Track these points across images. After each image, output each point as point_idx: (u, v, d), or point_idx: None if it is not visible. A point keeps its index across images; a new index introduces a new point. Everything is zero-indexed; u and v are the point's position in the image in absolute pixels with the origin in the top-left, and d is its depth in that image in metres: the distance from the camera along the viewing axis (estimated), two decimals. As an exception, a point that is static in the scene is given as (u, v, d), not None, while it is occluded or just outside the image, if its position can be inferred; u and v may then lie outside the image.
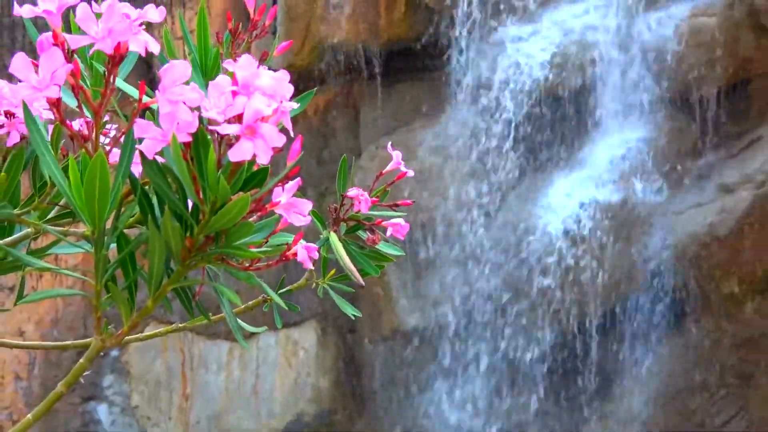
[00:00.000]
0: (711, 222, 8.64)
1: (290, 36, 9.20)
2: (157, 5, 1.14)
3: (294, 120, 1.10)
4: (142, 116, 1.10)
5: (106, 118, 1.16)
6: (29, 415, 1.22)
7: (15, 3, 1.21)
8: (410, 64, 9.68)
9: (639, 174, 8.95)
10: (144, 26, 1.10)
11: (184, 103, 1.03)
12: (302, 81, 9.13)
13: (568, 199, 8.91)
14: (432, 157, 9.21)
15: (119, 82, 1.15)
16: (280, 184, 1.09)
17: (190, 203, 1.08)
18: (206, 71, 1.32)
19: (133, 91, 1.17)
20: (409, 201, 1.58)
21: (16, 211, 1.28)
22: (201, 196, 1.04)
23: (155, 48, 1.11)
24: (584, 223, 8.79)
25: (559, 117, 9.21)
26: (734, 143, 9.01)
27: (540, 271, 8.80)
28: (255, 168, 1.05)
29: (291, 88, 1.05)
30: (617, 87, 9.21)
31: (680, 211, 8.80)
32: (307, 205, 1.11)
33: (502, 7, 9.50)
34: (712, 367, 8.72)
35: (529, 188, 9.11)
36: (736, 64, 9.12)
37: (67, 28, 1.15)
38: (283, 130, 1.04)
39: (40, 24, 1.19)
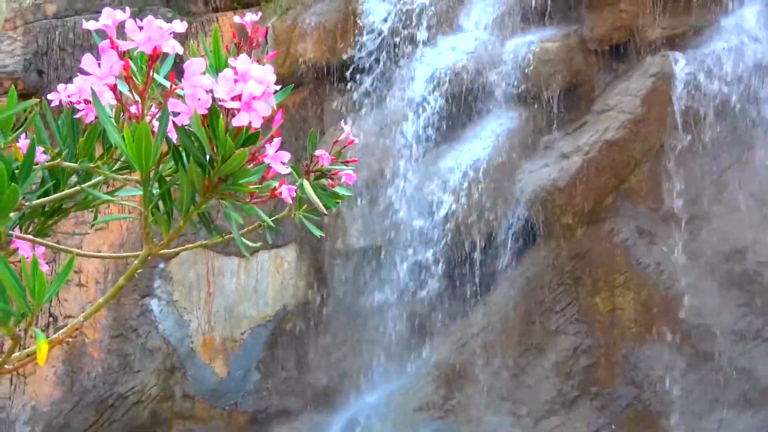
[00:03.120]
0: (554, 177, 8.69)
1: (276, 55, 9.15)
2: (186, 34, 1.12)
3: (279, 109, 1.10)
4: (174, 98, 1.09)
5: (154, 108, 1.15)
6: (100, 300, 1.21)
7: (84, 20, 1.18)
8: (358, 73, 9.65)
9: (509, 145, 8.99)
10: (173, 35, 1.09)
11: (202, 87, 1.02)
12: (284, 85, 9.09)
13: (465, 159, 8.94)
14: (373, 134, 9.21)
15: (157, 76, 1.13)
16: (268, 142, 1.08)
17: (207, 156, 1.07)
18: (219, 70, 1.31)
19: (166, 82, 1.15)
20: (355, 159, 1.58)
21: (92, 165, 1.27)
22: (214, 150, 1.04)
23: (180, 49, 1.10)
24: (474, 176, 8.83)
25: (457, 108, 9.22)
26: (569, 126, 9.06)
27: (444, 208, 8.83)
28: (251, 131, 1.05)
29: (275, 77, 1.05)
30: (494, 88, 9.23)
31: (534, 170, 8.85)
32: (287, 156, 1.11)
33: (413, 36, 9.50)
34: (555, 272, 8.80)
35: (437, 153, 9.14)
36: (570, 74, 9.17)
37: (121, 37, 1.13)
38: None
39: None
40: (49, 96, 1.28)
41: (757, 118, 8.85)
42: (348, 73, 9.72)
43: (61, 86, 1.27)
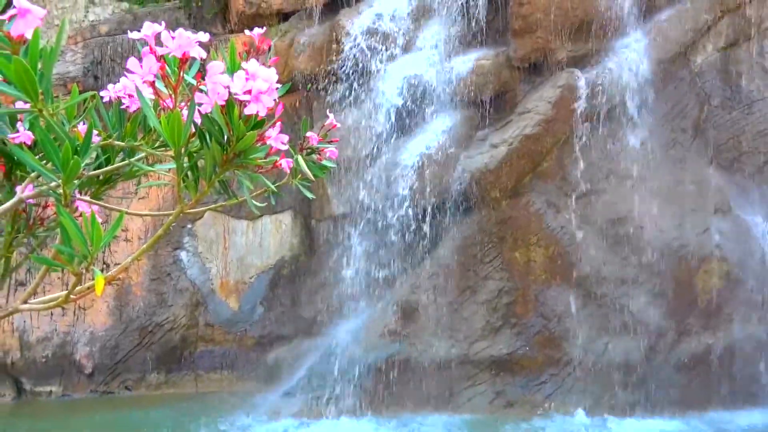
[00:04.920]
0: (486, 162, 8.71)
1: (276, 65, 9.07)
2: (207, 48, 1.11)
3: (280, 102, 1.09)
4: (199, 92, 1.07)
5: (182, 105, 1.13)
6: (144, 245, 1.19)
7: (129, 31, 1.16)
8: (339, 81, 9.58)
9: (452, 137, 8.99)
10: (198, 43, 1.07)
11: (221, 84, 1.01)
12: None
13: (420, 148, 8.93)
14: (351, 126, 9.17)
15: (186, 76, 1.11)
16: (271, 127, 1.06)
17: (225, 137, 1.06)
18: (234, 71, 1.29)
19: (193, 81, 1.13)
20: (336, 139, 1.56)
21: (136, 143, 1.25)
22: (231, 132, 1.03)
23: (204, 55, 1.08)
24: (426, 161, 8.82)
25: (413, 109, 9.20)
26: (498, 123, 9.07)
27: (401, 185, 8.83)
28: (258, 118, 1.03)
29: (277, 77, 1.03)
30: (441, 94, 9.21)
31: (471, 156, 8.86)
32: (286, 138, 1.10)
33: (381, 53, 9.43)
34: (486, 233, 8.84)
35: (398, 143, 9.11)
36: (499, 84, 9.16)
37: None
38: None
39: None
40: (102, 93, 1.26)
41: (636, 118, 8.93)
42: (332, 81, 9.66)
43: (110, 86, 1.26)
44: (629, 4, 9.07)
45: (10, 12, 0.98)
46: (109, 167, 1.27)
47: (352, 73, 9.49)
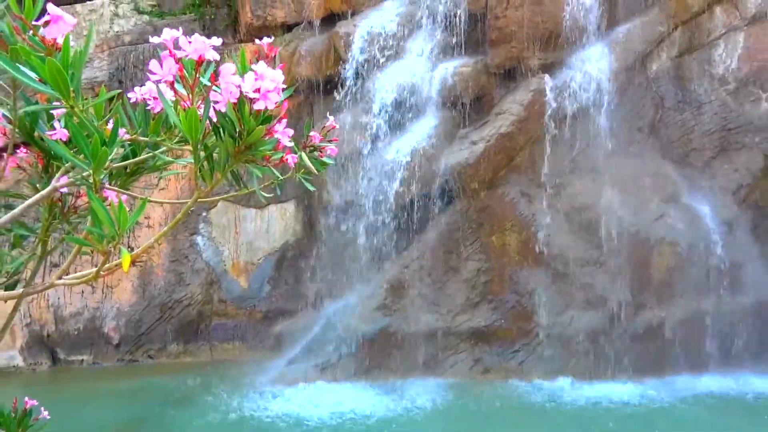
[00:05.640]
0: (466, 157, 8.70)
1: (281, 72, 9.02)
2: (221, 55, 1.11)
3: (285, 100, 1.08)
4: (214, 92, 1.06)
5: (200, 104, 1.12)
6: (165, 228, 1.19)
7: (150, 36, 1.15)
8: (337, 85, 9.53)
9: (436, 135, 8.97)
10: (213, 47, 1.06)
11: (233, 84, 1.00)
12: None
13: (408, 144, 8.90)
14: (348, 125, 9.13)
15: (202, 79, 1.11)
16: (278, 122, 1.06)
17: (237, 131, 1.05)
18: (244, 73, 1.27)
19: (207, 82, 1.12)
20: (336, 139, 1.55)
21: (158, 139, 1.24)
22: (242, 127, 1.02)
23: (217, 57, 1.07)
24: (413, 156, 8.80)
25: (403, 111, 9.17)
26: (477, 123, 9.06)
27: (392, 177, 8.82)
28: (266, 114, 1.03)
29: (283, 77, 1.03)
30: (428, 97, 9.18)
31: (453, 152, 8.85)
32: (291, 132, 1.09)
33: (375, 61, 9.39)
34: (466, 220, 8.85)
35: (390, 140, 9.08)
36: (478, 88, 9.14)
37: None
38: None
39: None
40: (129, 94, 1.25)
41: (599, 118, 8.94)
42: (330, 85, 9.61)
43: (136, 88, 1.25)
44: (593, 18, 9.06)
45: (44, 18, 0.98)
46: (134, 159, 1.27)
47: (348, 78, 9.45)
